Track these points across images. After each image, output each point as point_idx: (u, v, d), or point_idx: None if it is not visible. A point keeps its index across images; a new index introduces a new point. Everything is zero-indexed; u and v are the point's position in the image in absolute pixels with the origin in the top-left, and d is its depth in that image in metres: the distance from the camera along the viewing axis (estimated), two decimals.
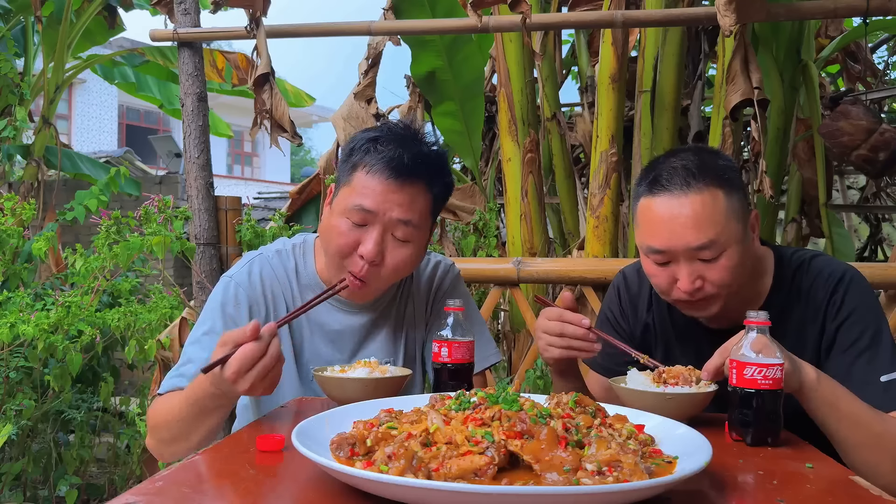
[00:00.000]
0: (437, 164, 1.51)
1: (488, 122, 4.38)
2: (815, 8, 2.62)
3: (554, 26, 3.59)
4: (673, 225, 1.37)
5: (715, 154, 1.49)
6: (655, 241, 1.40)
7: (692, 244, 1.37)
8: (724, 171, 1.41)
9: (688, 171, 1.38)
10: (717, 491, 0.94)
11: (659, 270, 1.43)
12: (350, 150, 1.51)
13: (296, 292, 1.60)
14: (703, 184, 1.37)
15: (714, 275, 1.39)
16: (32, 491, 3.06)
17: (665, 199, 1.39)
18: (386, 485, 0.82)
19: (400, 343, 1.66)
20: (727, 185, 1.39)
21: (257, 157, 24.39)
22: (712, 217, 1.36)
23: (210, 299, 1.61)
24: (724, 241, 1.37)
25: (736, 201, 1.40)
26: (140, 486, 0.91)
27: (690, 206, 1.37)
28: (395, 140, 1.47)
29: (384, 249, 1.47)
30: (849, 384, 1.31)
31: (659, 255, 1.41)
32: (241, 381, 1.20)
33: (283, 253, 1.64)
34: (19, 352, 2.77)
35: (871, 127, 3.28)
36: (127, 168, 7.53)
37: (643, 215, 1.44)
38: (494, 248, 3.52)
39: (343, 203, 1.47)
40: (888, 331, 1.42)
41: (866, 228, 5.63)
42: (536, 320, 1.47)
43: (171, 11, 3.07)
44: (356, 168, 1.47)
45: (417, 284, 1.70)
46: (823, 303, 1.45)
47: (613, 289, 1.71)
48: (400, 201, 1.45)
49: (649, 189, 1.42)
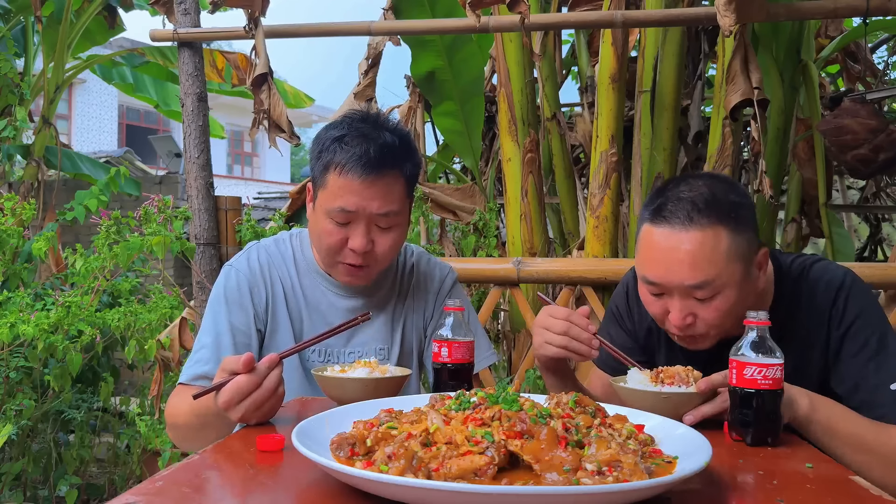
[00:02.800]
0: (403, 148, 1.55)
1: (488, 122, 4.38)
2: (815, 8, 2.62)
3: (553, 26, 3.59)
4: (670, 260, 1.34)
5: (729, 187, 1.40)
6: (650, 273, 1.38)
7: (686, 282, 1.33)
8: (734, 207, 1.35)
9: (693, 205, 1.33)
10: (717, 491, 0.94)
11: (652, 300, 1.41)
12: (319, 151, 1.54)
13: (293, 276, 1.66)
14: (706, 220, 1.32)
15: (707, 314, 1.36)
16: (32, 491, 3.07)
17: (665, 232, 1.35)
18: (386, 485, 0.82)
19: (397, 332, 1.70)
20: (734, 224, 1.33)
21: (257, 157, 24.38)
22: (711, 257, 1.32)
23: (214, 288, 1.67)
24: (720, 283, 1.33)
25: (742, 241, 1.34)
26: (140, 486, 0.90)
27: (689, 243, 1.32)
28: (360, 135, 1.50)
29: (373, 239, 1.53)
30: (858, 394, 1.31)
31: (653, 286, 1.39)
32: (233, 410, 1.22)
33: (280, 241, 1.71)
34: (19, 352, 2.77)
35: (878, 127, 3.28)
36: (127, 168, 7.53)
37: (643, 242, 1.40)
38: (494, 248, 3.52)
39: (324, 205, 1.53)
40: (893, 334, 1.41)
41: (866, 228, 5.62)
42: (537, 316, 1.47)
43: (169, 11, 3.07)
44: (328, 169, 1.51)
45: (419, 279, 1.75)
46: (826, 312, 1.42)
47: (623, 286, 1.71)
48: (376, 195, 1.50)
49: (652, 217, 1.38)
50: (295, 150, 27.78)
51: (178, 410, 1.47)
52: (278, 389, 1.24)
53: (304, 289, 1.66)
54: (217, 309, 1.61)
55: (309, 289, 1.66)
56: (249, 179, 21.64)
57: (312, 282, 1.67)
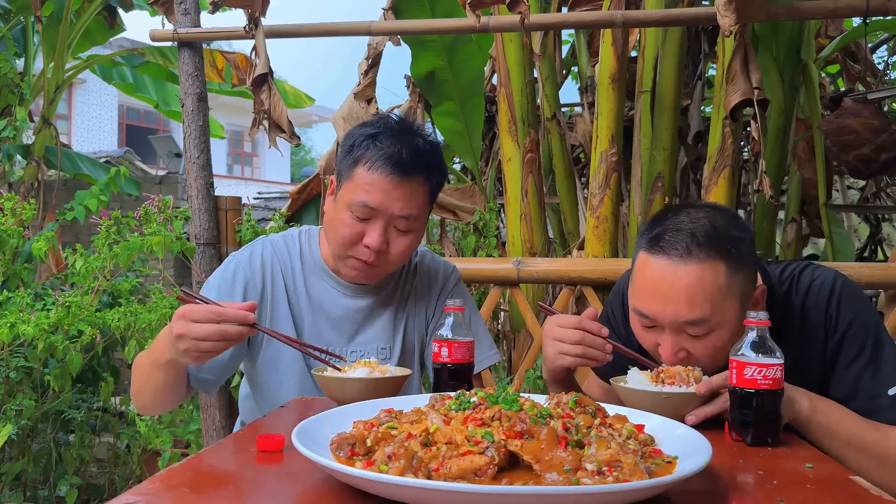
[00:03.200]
0: (433, 156, 1.58)
1: (488, 122, 4.38)
2: (815, 8, 2.62)
3: (553, 26, 3.59)
4: (665, 294, 1.29)
5: (730, 220, 1.35)
6: (643, 306, 1.33)
7: (681, 318, 1.29)
8: (734, 242, 1.30)
9: (693, 238, 1.28)
10: (717, 491, 0.94)
11: (643, 332, 1.37)
12: (350, 145, 1.57)
13: (298, 274, 1.67)
14: (705, 255, 1.27)
15: (700, 350, 1.32)
16: (32, 491, 3.06)
17: (662, 264, 1.30)
18: (386, 485, 0.82)
19: (399, 331, 1.71)
20: (733, 260, 1.29)
21: (257, 157, 24.38)
22: (708, 294, 1.27)
23: (212, 274, 1.69)
24: (716, 320, 1.29)
25: (741, 278, 1.30)
26: (140, 486, 0.90)
27: (686, 277, 1.27)
28: (394, 135, 1.54)
29: (388, 239, 1.55)
30: (856, 400, 1.31)
31: (645, 319, 1.35)
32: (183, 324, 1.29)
33: (288, 237, 1.72)
34: (19, 352, 2.77)
35: (881, 127, 3.28)
36: (127, 168, 7.52)
37: (638, 271, 1.36)
38: (494, 248, 3.52)
39: (347, 198, 1.54)
40: (888, 337, 1.40)
41: (866, 228, 5.63)
42: (545, 327, 1.45)
43: (168, 11, 3.07)
44: (357, 163, 1.53)
45: (422, 278, 1.76)
46: (821, 319, 1.41)
47: (618, 292, 1.69)
48: (400, 196, 1.52)
49: (649, 246, 1.33)
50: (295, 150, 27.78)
51: (140, 360, 1.54)
52: (225, 340, 1.31)
53: (308, 286, 1.66)
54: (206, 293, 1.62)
55: (314, 286, 1.67)
56: (249, 179, 21.64)
57: (318, 279, 1.67)
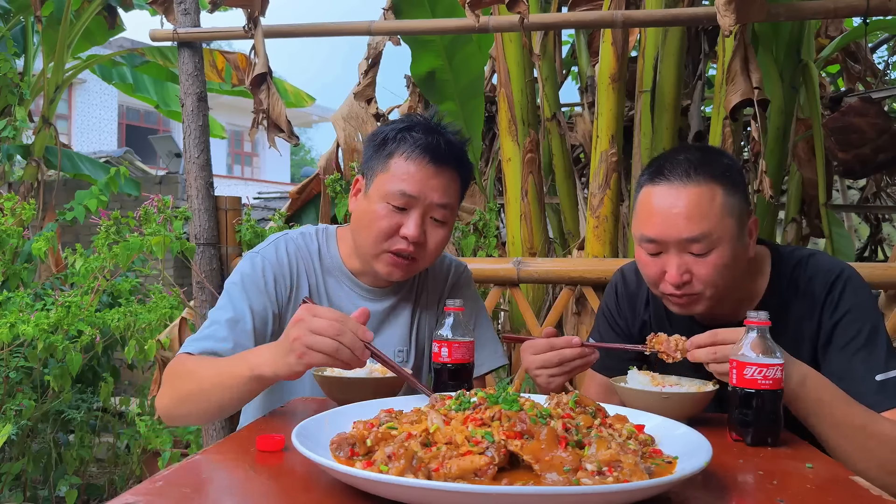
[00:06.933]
0: (462, 151, 1.60)
1: (488, 122, 4.38)
2: (815, 8, 2.61)
3: (553, 26, 3.58)
4: (668, 215, 1.39)
5: (720, 153, 1.51)
6: (649, 230, 1.42)
7: (684, 235, 1.38)
8: (726, 169, 1.42)
9: (690, 164, 1.40)
10: (717, 491, 0.94)
11: (650, 260, 1.44)
12: (382, 139, 1.57)
13: (318, 272, 1.65)
14: (702, 178, 1.39)
15: (702, 270, 1.39)
16: (32, 491, 3.07)
17: (664, 189, 1.41)
18: (386, 485, 0.82)
19: (413, 331, 1.70)
20: (728, 183, 1.40)
21: (257, 157, 24.38)
22: (707, 211, 1.37)
23: (235, 271, 1.62)
24: (716, 236, 1.38)
25: (735, 201, 1.41)
26: (140, 486, 0.90)
27: (687, 197, 1.38)
28: (427, 128, 1.55)
29: (425, 230, 1.55)
30: (845, 382, 1.31)
31: (651, 244, 1.42)
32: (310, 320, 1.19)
33: (306, 235, 1.69)
34: (19, 352, 2.77)
35: (885, 127, 3.28)
36: (127, 168, 7.52)
37: (641, 204, 1.45)
38: (494, 248, 3.52)
39: (382, 189, 1.53)
40: (884, 329, 1.42)
41: (866, 228, 5.63)
42: (524, 360, 1.48)
43: (168, 11, 3.07)
44: (392, 156, 1.54)
45: (433, 277, 1.75)
46: (821, 299, 1.46)
47: (612, 286, 1.73)
48: (438, 185, 1.53)
49: (651, 178, 1.44)
50: (295, 150, 27.79)
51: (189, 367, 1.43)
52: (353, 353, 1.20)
53: (327, 287, 1.64)
54: (237, 291, 1.57)
55: (333, 287, 1.64)
56: (249, 179, 21.63)
57: (336, 281, 1.65)
